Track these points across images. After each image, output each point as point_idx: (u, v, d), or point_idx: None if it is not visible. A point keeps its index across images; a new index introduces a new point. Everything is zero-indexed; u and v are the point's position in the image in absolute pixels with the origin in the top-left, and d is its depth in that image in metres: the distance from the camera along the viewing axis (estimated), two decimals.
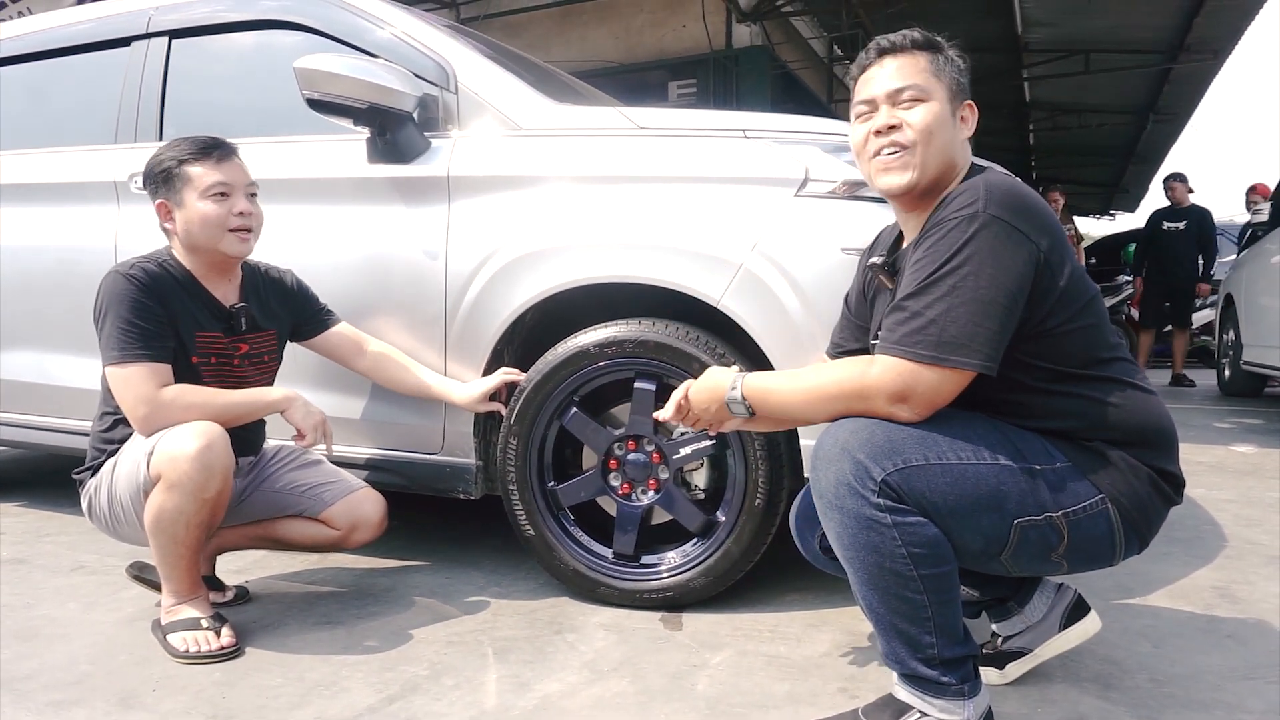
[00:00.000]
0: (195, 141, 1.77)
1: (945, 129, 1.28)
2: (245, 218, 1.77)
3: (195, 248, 1.78)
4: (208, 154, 1.76)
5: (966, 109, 1.32)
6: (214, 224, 1.74)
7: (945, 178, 1.29)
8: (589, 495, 1.90)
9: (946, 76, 1.30)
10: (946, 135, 1.28)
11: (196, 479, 1.57)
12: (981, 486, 1.17)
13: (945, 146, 1.28)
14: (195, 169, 1.75)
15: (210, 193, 1.74)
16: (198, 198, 1.74)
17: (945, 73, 1.30)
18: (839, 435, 1.20)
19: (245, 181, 1.80)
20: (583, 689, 1.49)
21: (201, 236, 1.75)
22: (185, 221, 1.75)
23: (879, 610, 1.20)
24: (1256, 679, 1.52)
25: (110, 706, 1.44)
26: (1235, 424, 4.76)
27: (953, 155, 1.29)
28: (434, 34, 2.15)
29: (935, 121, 1.27)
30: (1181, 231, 6.76)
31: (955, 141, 1.30)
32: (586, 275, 1.84)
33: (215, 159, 1.76)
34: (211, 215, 1.74)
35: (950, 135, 1.29)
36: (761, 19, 7.94)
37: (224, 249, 1.76)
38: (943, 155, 1.28)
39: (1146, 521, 1.24)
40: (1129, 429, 1.23)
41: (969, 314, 1.15)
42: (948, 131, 1.29)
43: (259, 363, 1.88)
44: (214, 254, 1.78)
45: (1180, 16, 7.56)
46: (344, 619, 1.82)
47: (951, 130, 1.29)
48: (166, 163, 1.76)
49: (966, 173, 1.30)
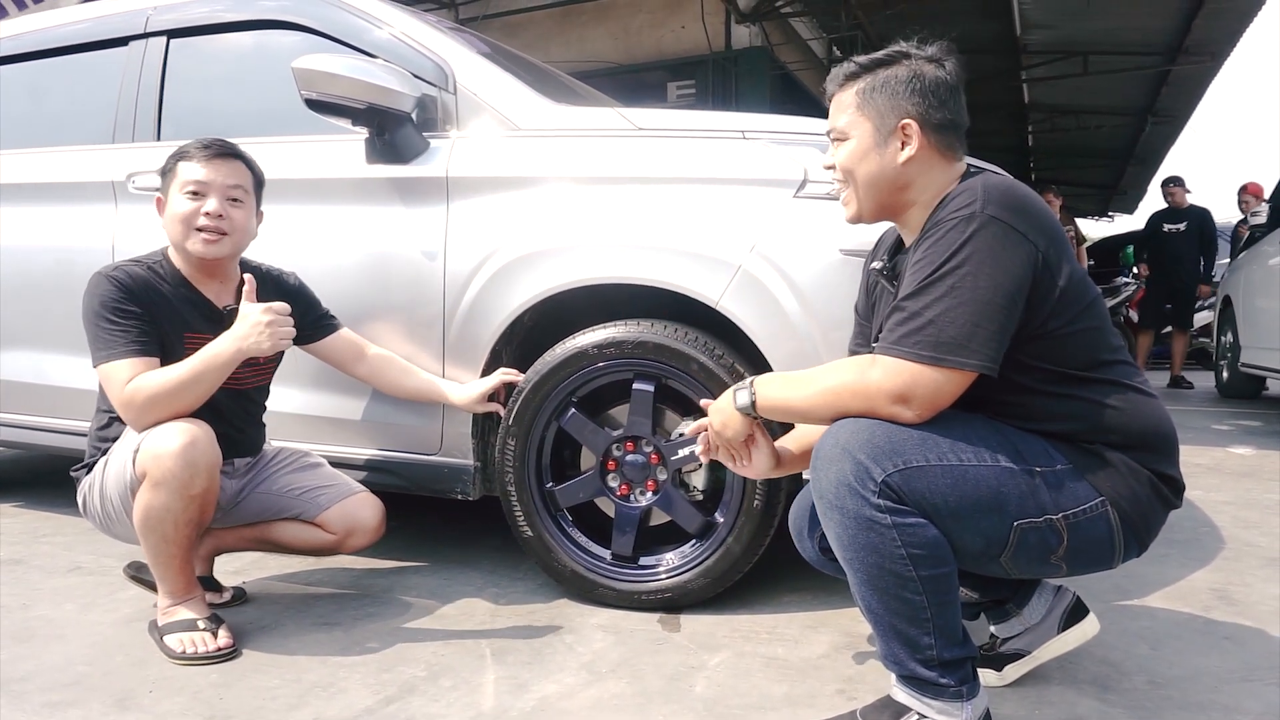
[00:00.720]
0: (200, 140, 1.77)
1: (867, 162, 1.29)
2: (214, 219, 1.72)
3: (173, 244, 1.78)
4: (200, 152, 1.74)
5: (902, 130, 1.28)
6: (180, 221, 1.72)
7: (899, 199, 1.30)
8: (587, 496, 1.90)
9: (873, 105, 1.29)
10: (870, 167, 1.29)
11: (181, 476, 1.57)
12: (982, 488, 1.17)
13: (873, 178, 1.30)
14: (184, 164, 1.74)
15: (184, 189, 1.72)
16: (176, 193, 1.73)
17: (873, 101, 1.29)
18: (839, 436, 1.20)
19: (226, 184, 1.74)
20: (581, 690, 1.49)
21: (171, 233, 1.75)
22: (165, 217, 1.76)
23: (878, 611, 1.20)
24: (1254, 681, 1.52)
25: (107, 707, 1.44)
26: (1233, 426, 4.77)
27: (893, 181, 1.29)
28: (433, 34, 2.15)
29: (852, 159, 1.31)
30: (1182, 233, 6.80)
31: (888, 167, 1.29)
32: (585, 276, 1.84)
33: (204, 157, 1.73)
34: (179, 212, 1.72)
35: (877, 165, 1.29)
36: (760, 20, 7.94)
37: (189, 248, 1.73)
38: (875, 186, 1.30)
39: (1146, 524, 1.24)
40: (1130, 432, 1.23)
41: (967, 314, 1.15)
42: (871, 164, 1.29)
43: (255, 364, 1.85)
44: (189, 254, 1.75)
45: (1179, 18, 7.57)
46: (342, 620, 1.82)
47: (878, 159, 1.29)
48: (169, 159, 1.77)
49: (964, 174, 1.30)
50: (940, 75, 1.29)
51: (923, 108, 1.27)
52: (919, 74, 1.28)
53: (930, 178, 1.29)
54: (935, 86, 1.28)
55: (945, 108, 1.28)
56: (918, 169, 1.29)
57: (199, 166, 1.73)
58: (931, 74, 1.28)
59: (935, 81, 1.28)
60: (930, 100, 1.28)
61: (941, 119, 1.28)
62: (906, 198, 1.30)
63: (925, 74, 1.28)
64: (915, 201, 1.30)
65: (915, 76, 1.28)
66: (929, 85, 1.28)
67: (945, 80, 1.29)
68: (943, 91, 1.28)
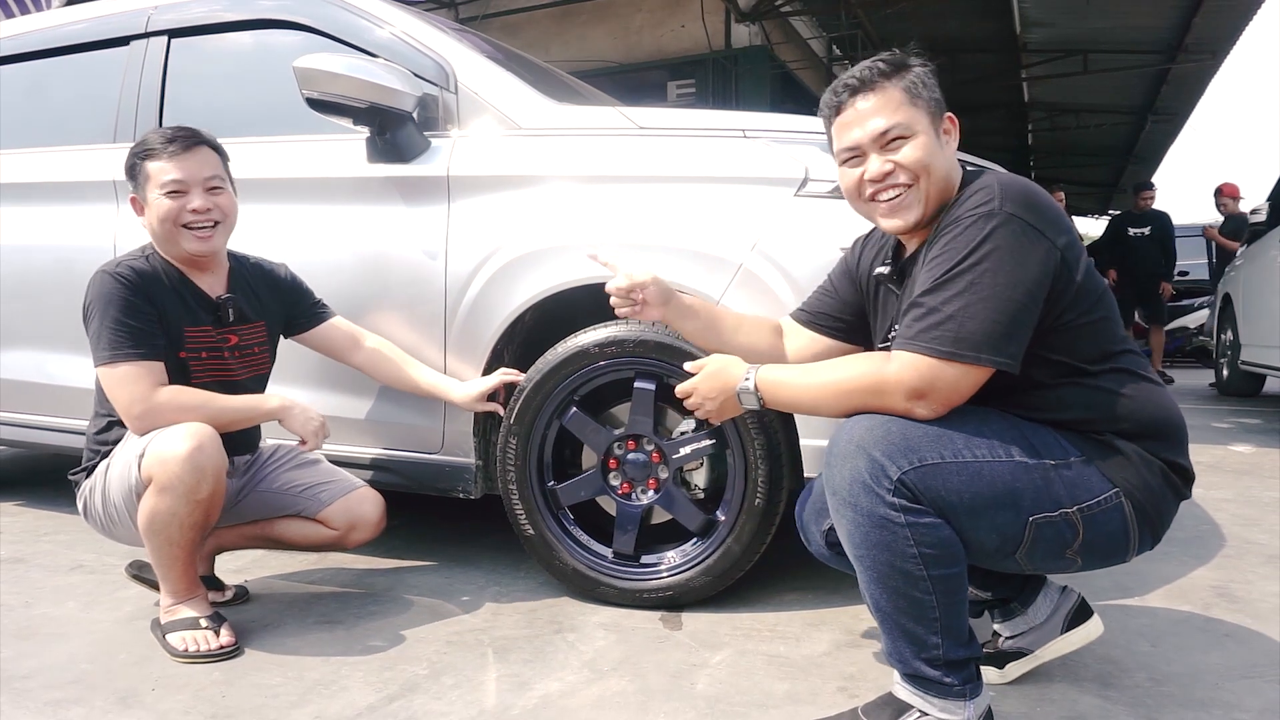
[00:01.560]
0: (159, 135, 1.74)
1: (937, 156, 1.28)
2: (201, 214, 1.72)
3: (158, 245, 1.77)
4: (165, 148, 1.72)
5: (948, 122, 1.31)
6: (168, 221, 1.72)
7: (945, 197, 1.30)
8: (589, 495, 1.90)
9: (924, 99, 1.29)
10: (940, 162, 1.28)
11: (188, 481, 1.57)
12: (997, 484, 1.17)
13: (942, 173, 1.29)
14: (153, 164, 1.72)
15: (165, 190, 1.71)
16: (156, 195, 1.72)
17: (922, 95, 1.29)
18: (854, 432, 1.20)
19: (203, 175, 1.73)
20: (583, 688, 1.49)
21: (161, 234, 1.74)
22: (149, 219, 1.75)
23: (886, 609, 1.20)
24: (1254, 678, 1.52)
25: (109, 705, 1.44)
26: (1233, 424, 4.77)
27: (948, 175, 1.29)
28: (433, 33, 2.15)
29: (927, 154, 1.26)
30: (1147, 236, 7.15)
31: (948, 162, 1.30)
32: (586, 275, 1.84)
33: (171, 154, 1.71)
34: (165, 213, 1.71)
35: (943, 159, 1.29)
36: (760, 19, 7.95)
37: (184, 247, 1.74)
38: (942, 182, 1.29)
39: (1159, 515, 1.24)
40: (1140, 421, 1.23)
41: (987, 310, 1.15)
42: (940, 158, 1.28)
43: (249, 355, 1.85)
44: (178, 251, 1.76)
45: (1178, 16, 7.58)
46: (343, 618, 1.82)
47: (942, 153, 1.29)
48: (132, 158, 1.75)
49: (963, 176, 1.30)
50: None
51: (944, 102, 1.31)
52: (931, 71, 1.31)
53: (956, 178, 1.30)
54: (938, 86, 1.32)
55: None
56: (955, 167, 1.31)
57: (170, 165, 1.71)
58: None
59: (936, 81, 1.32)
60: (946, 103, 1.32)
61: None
62: (949, 194, 1.29)
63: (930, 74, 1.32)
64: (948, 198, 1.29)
65: (932, 73, 1.31)
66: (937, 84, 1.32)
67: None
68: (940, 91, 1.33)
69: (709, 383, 1.40)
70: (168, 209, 1.71)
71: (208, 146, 1.77)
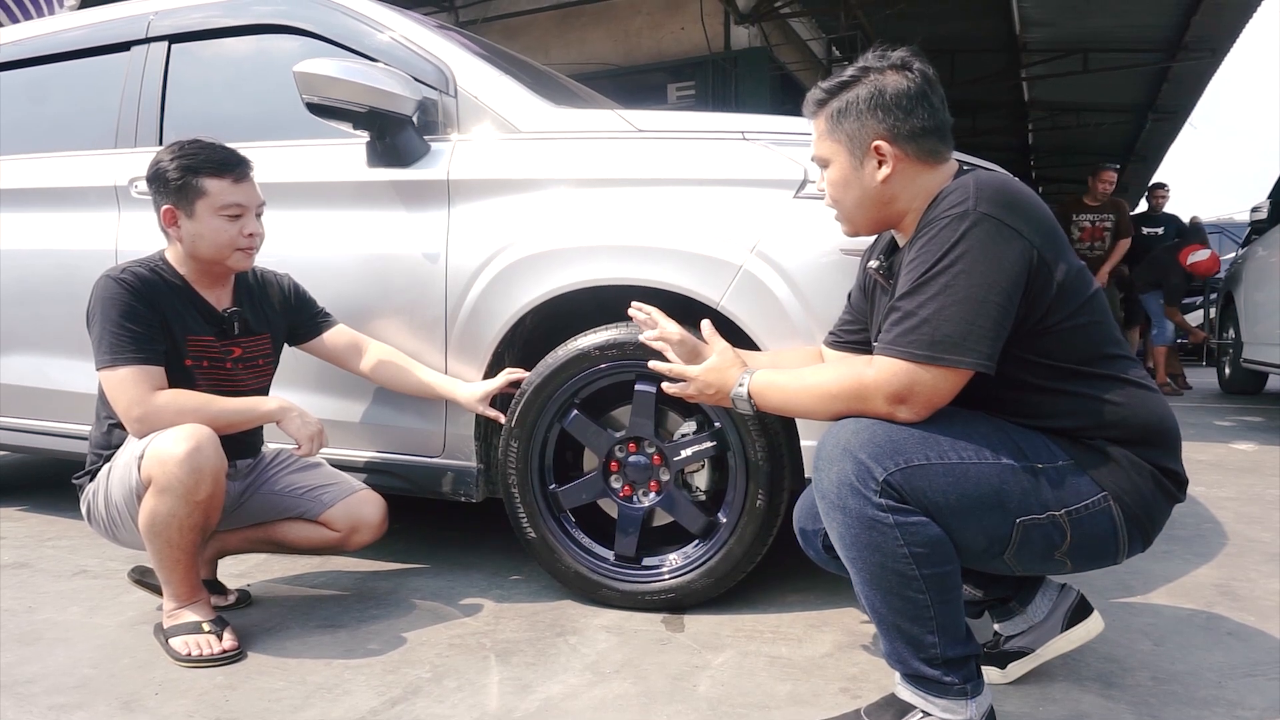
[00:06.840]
0: (212, 153, 1.75)
1: (850, 185, 1.31)
2: (253, 238, 1.79)
3: (197, 257, 1.78)
4: (227, 171, 1.75)
5: (874, 150, 1.28)
6: (225, 244, 1.76)
7: (891, 212, 1.31)
8: (590, 497, 1.90)
9: (842, 130, 1.30)
10: (853, 190, 1.31)
11: (186, 482, 1.57)
12: (983, 485, 1.17)
13: (859, 200, 1.32)
14: (212, 184, 1.74)
15: (225, 212, 1.75)
16: (211, 214, 1.74)
17: (841, 126, 1.30)
18: (841, 435, 1.20)
19: (257, 202, 1.81)
20: (585, 691, 1.50)
21: (208, 250, 1.76)
22: (194, 234, 1.75)
23: (881, 610, 1.20)
24: (1257, 676, 1.52)
25: (112, 710, 1.44)
26: (1236, 421, 4.77)
27: (877, 199, 1.30)
28: (433, 38, 2.16)
29: (835, 187, 1.34)
30: (1160, 236, 7.20)
31: (870, 188, 1.29)
32: (586, 278, 1.84)
33: (233, 178, 1.76)
34: (224, 235, 1.75)
35: (859, 188, 1.31)
36: (760, 21, 7.94)
37: (230, 264, 1.79)
38: (861, 207, 1.32)
39: (1150, 519, 1.24)
40: (1132, 426, 1.23)
41: (962, 312, 1.15)
42: (853, 188, 1.31)
43: (253, 366, 1.88)
44: (216, 265, 1.79)
45: (1178, 15, 7.58)
46: (346, 622, 1.83)
47: (859, 182, 1.30)
48: (180, 170, 1.73)
49: (957, 172, 1.30)
50: (902, 85, 1.26)
51: (889, 123, 1.26)
52: (879, 90, 1.26)
53: (917, 187, 1.29)
54: (897, 99, 1.26)
55: (914, 116, 1.26)
56: (901, 183, 1.29)
57: (235, 189, 1.75)
58: (893, 86, 1.26)
59: (897, 94, 1.26)
60: (895, 114, 1.26)
61: (912, 129, 1.26)
62: (897, 209, 1.31)
63: (886, 88, 1.26)
64: (908, 210, 1.30)
65: (875, 94, 1.26)
66: (890, 99, 1.26)
67: (909, 89, 1.26)
68: (907, 101, 1.26)
69: (709, 375, 1.42)
70: (226, 231, 1.75)
71: (253, 174, 1.82)
